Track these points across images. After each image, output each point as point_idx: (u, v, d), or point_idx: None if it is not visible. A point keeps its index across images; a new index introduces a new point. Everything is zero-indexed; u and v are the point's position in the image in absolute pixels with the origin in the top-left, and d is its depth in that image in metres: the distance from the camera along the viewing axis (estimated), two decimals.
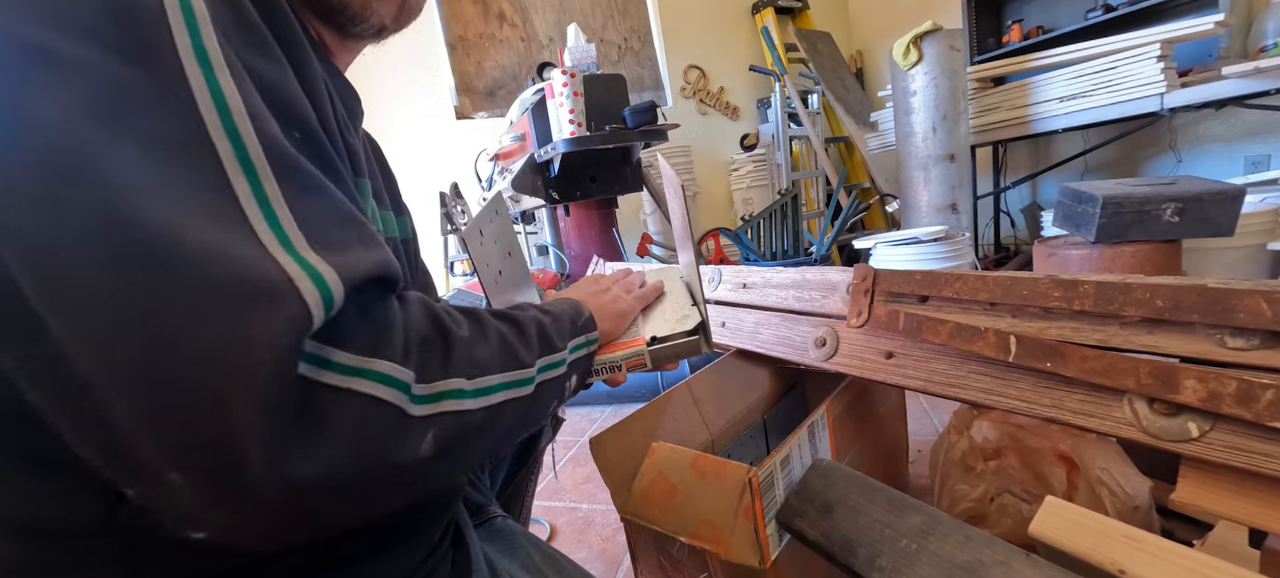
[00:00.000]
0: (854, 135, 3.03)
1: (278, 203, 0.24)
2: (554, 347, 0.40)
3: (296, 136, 0.28)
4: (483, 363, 0.32)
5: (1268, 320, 0.46)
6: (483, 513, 0.54)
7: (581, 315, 0.46)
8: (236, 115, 0.24)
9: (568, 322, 0.43)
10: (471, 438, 0.31)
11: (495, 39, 2.80)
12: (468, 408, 0.30)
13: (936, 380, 0.64)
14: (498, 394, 0.33)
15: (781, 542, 0.60)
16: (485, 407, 0.31)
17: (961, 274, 0.65)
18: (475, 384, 0.31)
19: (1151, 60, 1.88)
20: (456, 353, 0.30)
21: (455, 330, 0.31)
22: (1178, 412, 0.49)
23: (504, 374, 0.34)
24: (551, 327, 0.41)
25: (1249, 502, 0.46)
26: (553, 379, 0.39)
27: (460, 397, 0.30)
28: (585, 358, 0.45)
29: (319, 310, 0.23)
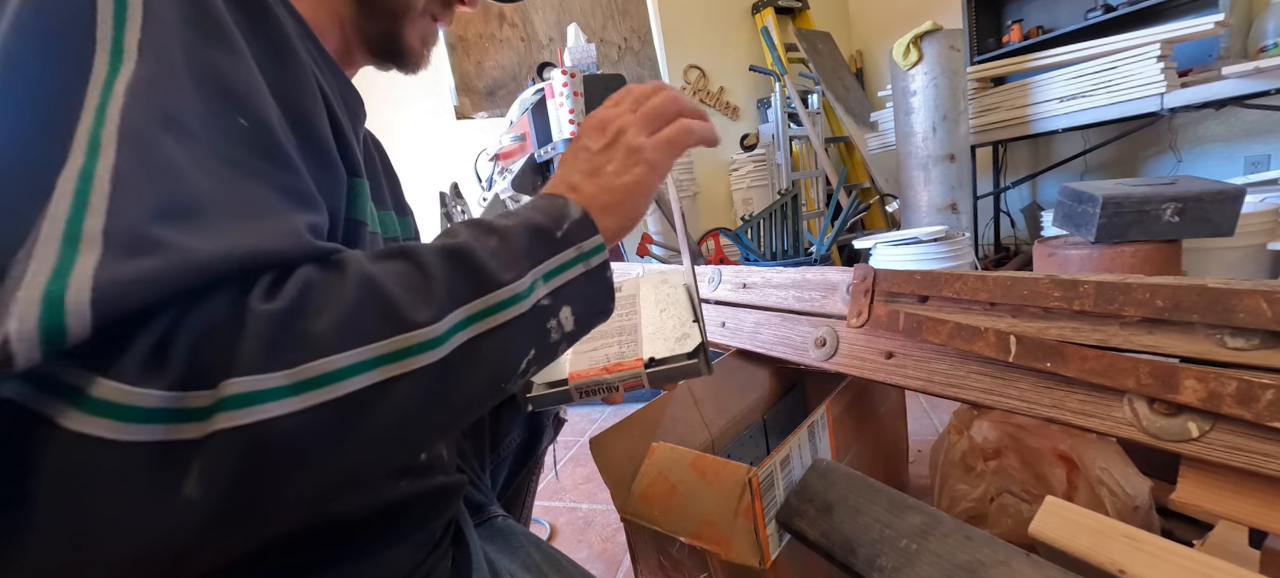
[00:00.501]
0: (854, 135, 3.03)
1: (100, 181, 0.21)
2: (495, 280, 0.28)
3: (243, 124, 0.26)
4: (316, 340, 0.23)
5: (1268, 320, 0.46)
6: (483, 513, 0.54)
7: (564, 216, 0.32)
8: (117, 85, 0.22)
9: (528, 234, 0.31)
10: (295, 454, 0.22)
11: (495, 39, 2.80)
12: (271, 414, 0.21)
13: (936, 380, 0.64)
14: (345, 381, 0.23)
15: (781, 542, 0.60)
16: (312, 406, 0.22)
17: (961, 274, 0.65)
18: (290, 376, 0.22)
19: (1151, 60, 1.88)
20: (262, 335, 0.22)
21: (266, 305, 0.22)
22: (1178, 412, 0.49)
23: (364, 347, 0.24)
24: (495, 250, 0.29)
25: (1249, 502, 0.46)
26: (501, 327, 0.28)
27: (256, 400, 0.21)
28: (583, 277, 0.32)
29: (30, 340, 0.18)
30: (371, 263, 0.26)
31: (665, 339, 0.52)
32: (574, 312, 0.32)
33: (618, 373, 0.47)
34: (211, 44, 0.26)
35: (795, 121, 3.03)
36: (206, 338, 0.21)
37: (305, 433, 0.22)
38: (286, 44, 0.31)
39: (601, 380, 0.49)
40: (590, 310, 0.33)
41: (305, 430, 0.22)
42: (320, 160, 0.32)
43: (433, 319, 0.26)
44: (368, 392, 0.24)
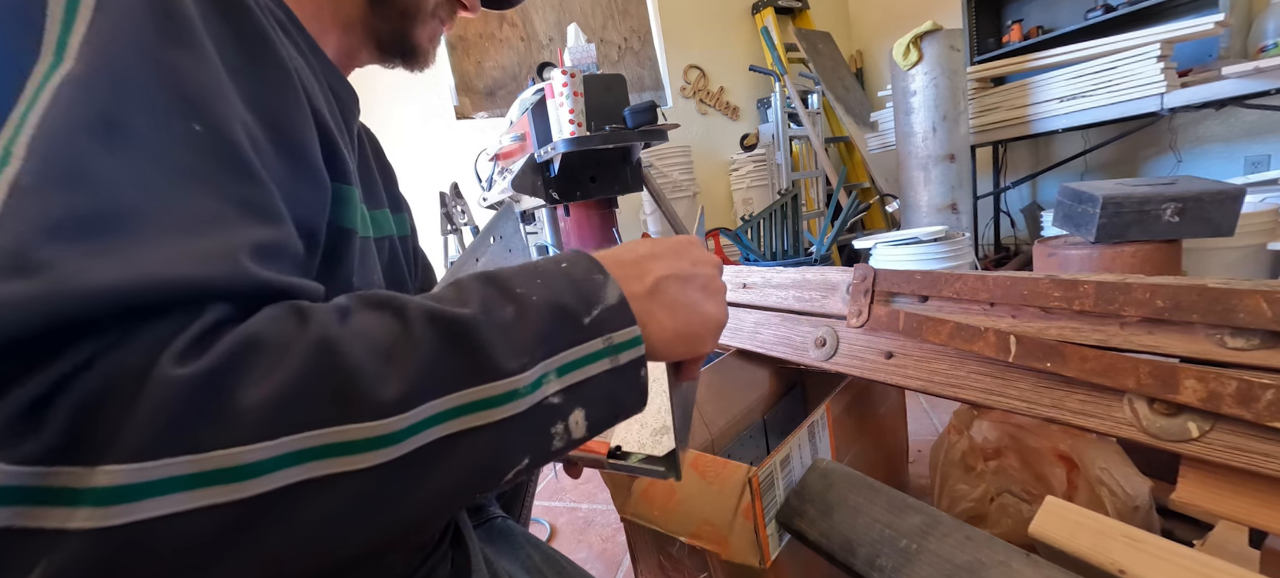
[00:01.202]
0: (854, 135, 3.03)
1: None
2: (495, 368, 0.23)
3: (196, 130, 0.23)
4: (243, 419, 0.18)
5: (1268, 320, 0.46)
6: (482, 513, 0.54)
7: (598, 298, 0.27)
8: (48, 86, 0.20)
9: (549, 315, 0.25)
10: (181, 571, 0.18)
11: (495, 39, 2.80)
12: (153, 515, 0.17)
13: (936, 380, 0.64)
14: (274, 474, 0.19)
15: (781, 542, 0.60)
16: (223, 504, 0.18)
17: (961, 274, 0.65)
18: (204, 463, 0.18)
19: (1151, 60, 1.88)
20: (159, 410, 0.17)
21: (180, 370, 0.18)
22: (1178, 412, 0.49)
23: (301, 435, 0.19)
24: (507, 326, 0.24)
25: (1249, 502, 0.46)
26: (494, 425, 0.23)
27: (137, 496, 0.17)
28: (607, 375, 0.27)
29: None
30: (344, 322, 0.22)
31: (643, 427, 0.46)
32: (588, 416, 0.26)
33: (581, 453, 0.43)
34: (170, 43, 0.24)
35: (795, 121, 3.03)
36: (97, 399, 0.17)
37: (193, 540, 0.18)
38: (264, 42, 0.29)
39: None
40: (611, 413, 0.28)
41: (194, 537, 0.18)
42: (299, 167, 0.29)
43: (399, 406, 0.21)
44: (288, 492, 0.19)
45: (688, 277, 0.31)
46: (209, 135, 0.23)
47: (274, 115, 0.28)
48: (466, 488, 0.24)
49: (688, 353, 0.32)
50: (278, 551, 0.19)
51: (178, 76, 0.23)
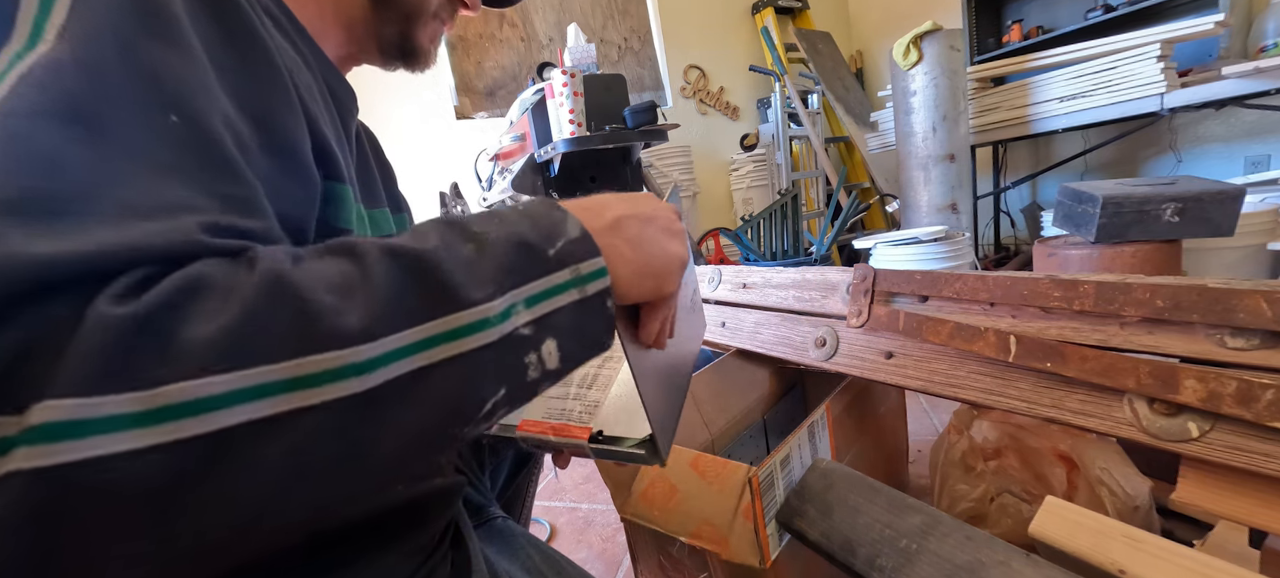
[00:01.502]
0: (854, 135, 3.03)
1: None
2: (460, 298, 0.23)
3: (172, 121, 0.22)
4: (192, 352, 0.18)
5: (1268, 320, 0.46)
6: (483, 514, 0.54)
7: (560, 232, 0.27)
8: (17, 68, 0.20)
9: (512, 248, 0.25)
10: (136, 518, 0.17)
11: (495, 39, 2.80)
12: (100, 453, 0.16)
13: (936, 380, 0.64)
14: (233, 409, 0.18)
15: (781, 542, 0.60)
16: (177, 440, 0.17)
17: (961, 274, 0.65)
18: (153, 399, 0.17)
19: (1151, 60, 1.88)
20: (98, 347, 0.17)
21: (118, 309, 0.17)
22: (1178, 412, 0.49)
23: (260, 368, 0.18)
24: (468, 260, 0.24)
25: (1249, 502, 0.46)
26: (465, 355, 0.22)
27: (81, 433, 0.16)
28: (575, 306, 0.27)
29: None
30: (296, 264, 0.21)
31: (627, 410, 0.46)
32: (561, 347, 0.26)
33: (562, 438, 0.43)
34: (151, 37, 0.23)
35: (795, 121, 3.03)
36: (25, 347, 0.16)
37: (147, 482, 0.17)
38: (253, 39, 0.29)
39: (546, 440, 0.45)
40: (582, 346, 0.27)
41: (147, 478, 0.17)
42: (287, 164, 0.29)
43: (362, 336, 0.20)
44: (250, 428, 0.18)
45: (647, 217, 0.32)
46: (186, 128, 0.22)
47: (261, 112, 0.28)
48: (441, 426, 0.23)
49: (653, 290, 0.32)
50: (246, 496, 0.18)
51: (157, 69, 0.23)
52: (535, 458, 0.71)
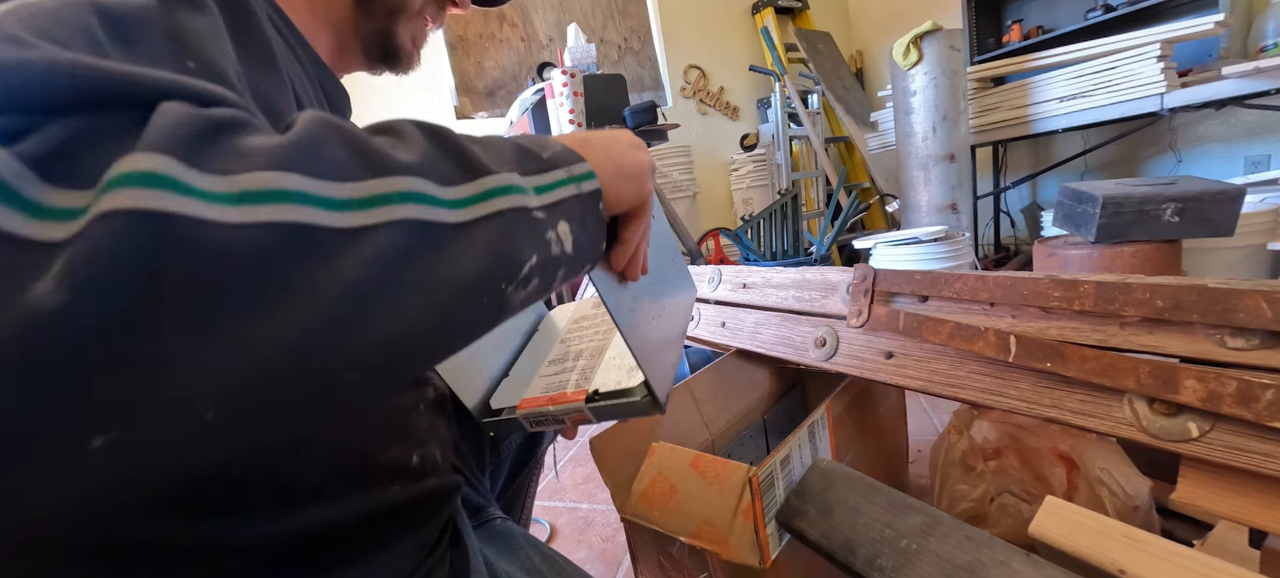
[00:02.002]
0: (854, 135, 3.03)
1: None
2: (483, 167, 0.25)
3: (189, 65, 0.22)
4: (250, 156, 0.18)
5: (1268, 320, 0.46)
6: (482, 515, 0.54)
7: (544, 145, 0.30)
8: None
9: (513, 149, 0.28)
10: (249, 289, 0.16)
11: (495, 39, 2.80)
12: (198, 215, 0.16)
13: (936, 380, 0.64)
14: (384, 210, 0.20)
15: (781, 542, 0.60)
16: (271, 222, 0.17)
17: (961, 274, 0.65)
18: (238, 183, 0.17)
19: (1151, 60, 1.88)
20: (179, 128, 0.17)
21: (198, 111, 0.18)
22: (1178, 412, 0.49)
23: (364, 183, 0.20)
24: (479, 149, 0.26)
25: (1249, 502, 0.46)
26: (503, 214, 0.24)
27: (175, 188, 0.15)
28: (577, 201, 0.30)
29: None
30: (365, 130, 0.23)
31: (620, 369, 0.46)
32: (572, 231, 0.29)
33: (561, 406, 0.44)
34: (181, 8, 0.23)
35: (795, 121, 3.03)
36: (92, 134, 0.16)
37: (253, 257, 0.16)
38: (264, 40, 0.30)
39: (547, 412, 0.45)
40: (587, 237, 0.30)
41: (253, 253, 0.16)
42: None
43: (416, 170, 0.22)
44: (331, 232, 0.18)
45: (611, 136, 0.35)
46: (200, 70, 0.22)
47: (266, 106, 0.29)
48: (498, 274, 0.24)
49: (633, 194, 0.35)
50: (326, 299, 0.18)
51: (180, 24, 0.22)
52: (535, 459, 0.71)
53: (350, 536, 0.35)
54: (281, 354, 0.17)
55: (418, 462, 0.40)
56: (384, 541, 0.37)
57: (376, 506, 0.36)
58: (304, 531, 0.32)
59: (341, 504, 0.34)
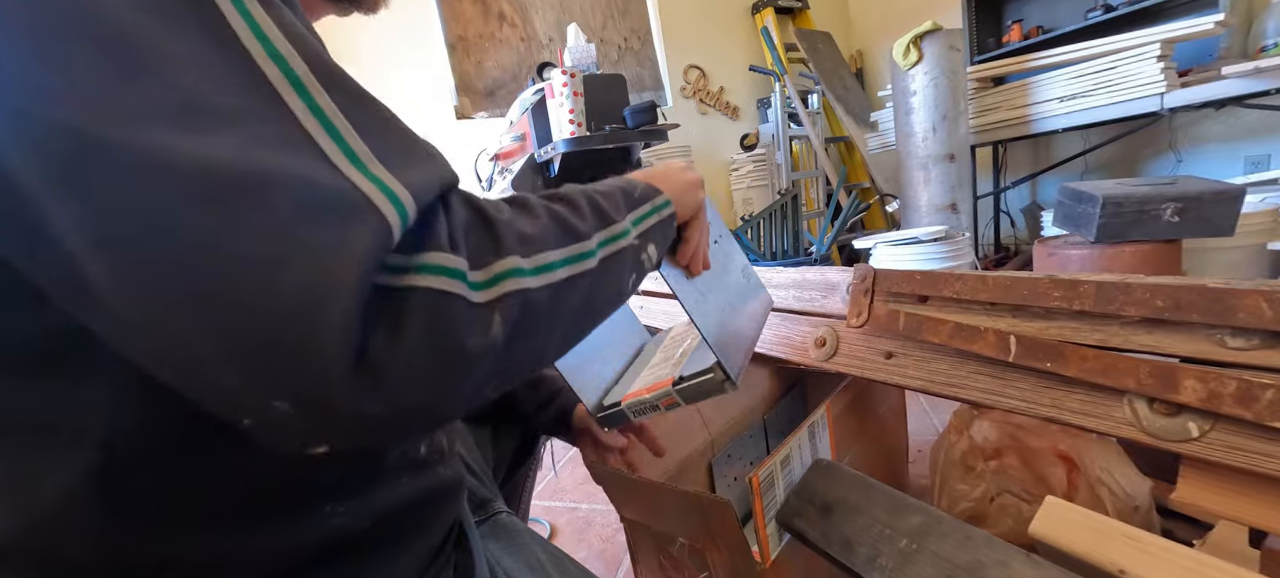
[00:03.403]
0: (854, 135, 3.03)
1: (337, 119, 0.24)
2: (610, 218, 0.37)
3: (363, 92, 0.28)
4: (535, 239, 0.30)
5: (1268, 320, 0.46)
6: (487, 508, 0.54)
7: (634, 186, 0.42)
8: (274, 39, 0.24)
9: (620, 194, 0.41)
10: (541, 318, 0.30)
11: (495, 39, 2.80)
12: (530, 286, 0.28)
13: (936, 380, 0.64)
14: (559, 271, 0.31)
15: (781, 541, 0.61)
16: (548, 284, 0.30)
17: (961, 274, 0.65)
18: (533, 262, 0.29)
19: (1151, 60, 1.88)
20: (504, 233, 0.29)
21: (496, 215, 0.30)
22: (1178, 412, 0.49)
23: (561, 249, 0.32)
24: (604, 201, 0.38)
25: (1249, 502, 0.46)
26: (620, 252, 0.37)
27: (520, 275, 0.28)
28: (659, 225, 0.42)
29: (397, 225, 0.23)
30: (541, 200, 0.34)
31: (696, 363, 0.57)
32: (657, 248, 0.42)
33: (655, 392, 0.56)
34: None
35: (795, 121, 3.03)
36: (471, 232, 0.27)
37: (542, 305, 0.29)
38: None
39: (644, 400, 0.57)
40: (664, 248, 0.44)
41: (542, 303, 0.29)
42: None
43: (588, 236, 0.34)
44: (567, 282, 0.31)
45: (668, 166, 0.48)
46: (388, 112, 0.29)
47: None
48: (617, 293, 0.38)
49: (692, 205, 0.48)
50: (566, 323, 0.33)
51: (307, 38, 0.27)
52: (534, 455, 0.72)
53: (356, 544, 0.35)
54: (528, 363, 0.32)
55: (425, 452, 0.40)
56: (390, 546, 0.37)
57: (385, 506, 0.36)
58: (320, 535, 0.32)
59: (358, 499, 0.34)
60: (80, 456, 0.26)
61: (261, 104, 0.23)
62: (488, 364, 0.27)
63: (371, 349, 0.23)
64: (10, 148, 0.20)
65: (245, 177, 0.21)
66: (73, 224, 0.20)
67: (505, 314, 0.27)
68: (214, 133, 0.21)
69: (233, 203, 0.20)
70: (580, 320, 0.35)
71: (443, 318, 0.25)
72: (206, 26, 0.22)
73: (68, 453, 0.26)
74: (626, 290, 0.38)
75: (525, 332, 0.29)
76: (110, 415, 0.26)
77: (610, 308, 0.37)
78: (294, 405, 0.21)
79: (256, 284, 0.20)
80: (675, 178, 0.47)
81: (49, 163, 0.20)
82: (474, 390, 0.27)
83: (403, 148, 0.26)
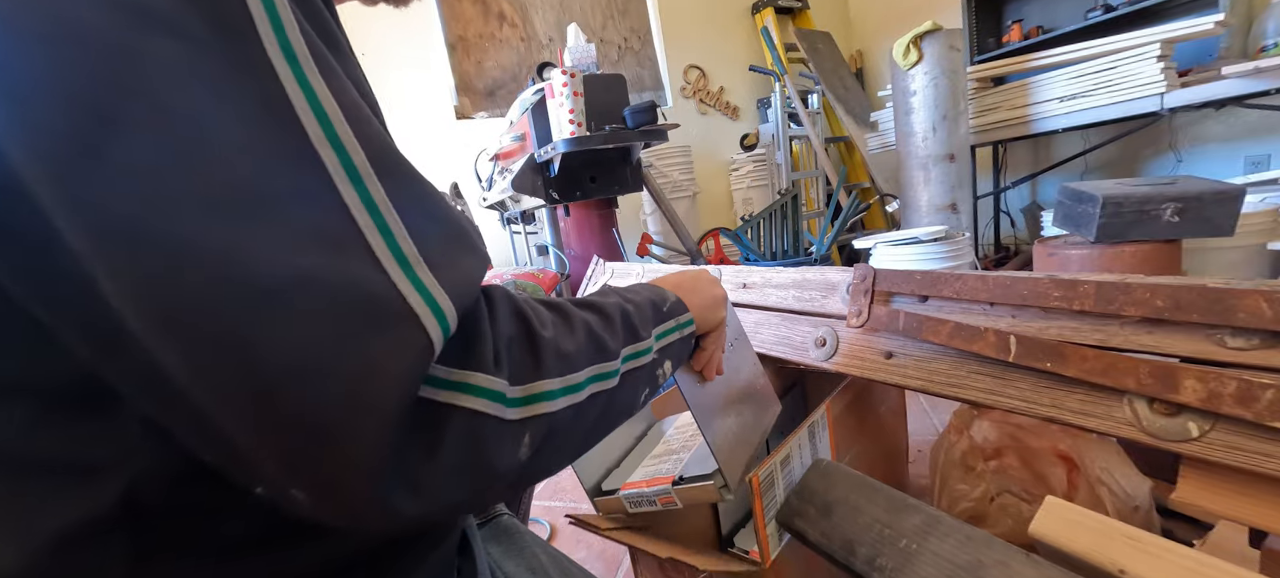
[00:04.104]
0: (854, 135, 3.03)
1: (389, 214, 0.23)
2: (638, 334, 0.38)
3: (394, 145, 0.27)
4: (571, 358, 0.31)
5: (1268, 320, 0.46)
6: (488, 511, 0.54)
7: (665, 300, 0.44)
8: (334, 120, 0.22)
9: (650, 307, 0.41)
10: (561, 436, 0.31)
11: (495, 39, 2.80)
12: (556, 408, 0.29)
13: (936, 380, 0.64)
14: (584, 390, 0.32)
15: (781, 541, 0.61)
16: (572, 404, 0.31)
17: (961, 274, 0.65)
18: (563, 382, 0.30)
19: (1151, 60, 1.88)
20: (545, 352, 0.30)
21: (541, 331, 0.30)
22: (1178, 412, 0.49)
23: (590, 368, 0.32)
24: (635, 314, 0.39)
25: (1249, 502, 0.46)
26: (640, 368, 0.38)
27: (550, 398, 0.29)
28: (679, 342, 0.43)
29: (439, 339, 0.23)
30: (580, 311, 0.35)
31: (698, 465, 0.59)
32: (672, 363, 0.43)
33: (654, 488, 0.57)
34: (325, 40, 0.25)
35: (795, 121, 3.03)
36: (515, 346, 0.29)
37: (564, 424, 0.30)
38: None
39: (642, 493, 0.59)
40: (679, 363, 0.46)
41: (565, 423, 0.30)
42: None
43: (615, 353, 0.35)
44: (589, 400, 0.32)
45: (696, 276, 0.51)
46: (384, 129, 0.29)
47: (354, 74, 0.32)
48: (629, 407, 0.38)
49: (713, 319, 0.50)
50: (583, 434, 0.34)
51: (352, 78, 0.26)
52: None
53: (381, 555, 0.34)
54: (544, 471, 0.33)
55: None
56: (415, 561, 0.36)
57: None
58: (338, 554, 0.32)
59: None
60: (95, 492, 0.25)
61: (315, 191, 0.22)
62: (512, 477, 0.28)
63: (406, 461, 0.23)
64: (64, 214, 0.18)
65: (290, 279, 0.20)
66: (117, 296, 0.19)
67: (534, 433, 0.28)
68: (262, 222, 0.20)
69: (275, 305, 0.20)
70: (594, 433, 0.36)
71: (478, 438, 0.26)
72: (266, 102, 0.21)
73: (82, 489, 0.25)
74: (638, 405, 0.39)
75: (548, 448, 0.30)
76: (133, 453, 0.25)
77: (621, 420, 0.38)
78: (312, 498, 0.22)
79: (295, 393, 0.20)
80: (703, 292, 0.49)
81: (97, 235, 0.19)
82: (496, 495, 0.30)
83: (446, 239, 0.26)
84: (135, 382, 0.21)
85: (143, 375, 0.20)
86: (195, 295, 0.19)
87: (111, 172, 0.18)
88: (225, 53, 0.20)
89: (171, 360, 0.19)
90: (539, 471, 0.31)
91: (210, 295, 0.19)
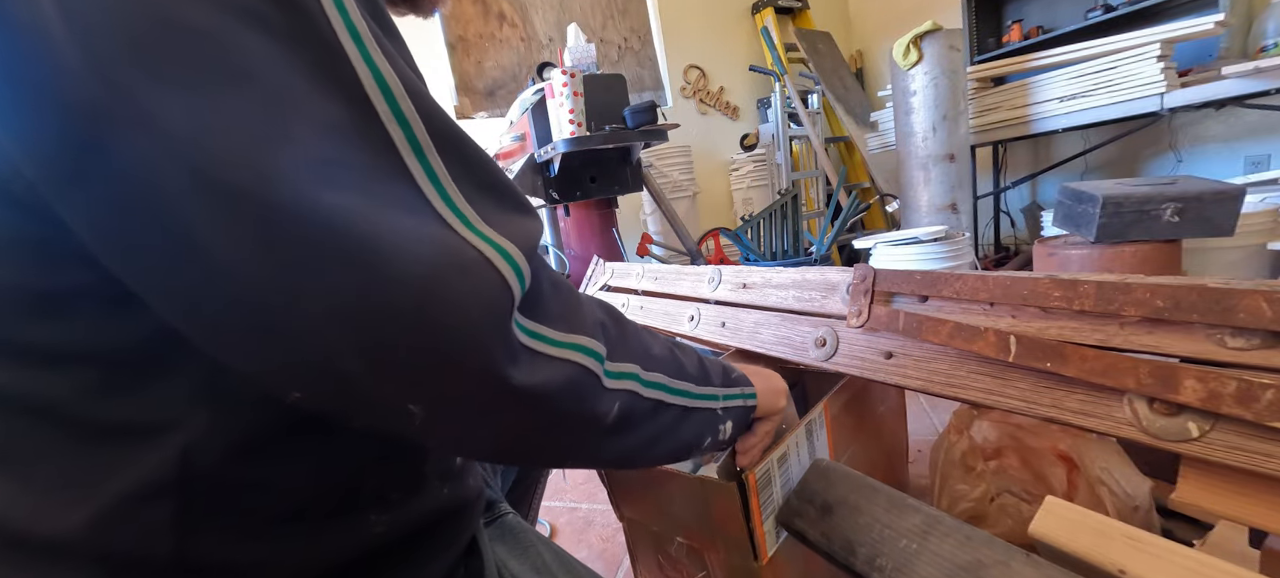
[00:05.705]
0: (854, 135, 3.03)
1: (447, 181, 0.25)
2: (709, 380, 0.42)
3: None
4: (656, 360, 0.35)
5: (1268, 320, 0.46)
6: (494, 510, 0.54)
7: (733, 370, 0.48)
8: (398, 96, 0.25)
9: (721, 369, 0.46)
10: (641, 423, 0.33)
11: (495, 39, 2.80)
12: (641, 393, 0.33)
13: (936, 380, 0.64)
14: (663, 394, 0.35)
15: (778, 540, 0.61)
16: (653, 400, 0.34)
17: (961, 274, 0.65)
18: (649, 377, 0.34)
19: (1151, 60, 1.88)
20: (631, 340, 0.33)
21: (627, 320, 0.34)
22: (1178, 412, 0.49)
23: (670, 379, 0.36)
24: (709, 366, 0.43)
25: (1249, 502, 0.46)
26: (706, 410, 0.41)
27: (636, 380, 0.33)
28: (742, 410, 0.47)
29: (516, 284, 0.26)
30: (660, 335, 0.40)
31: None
32: (734, 426, 0.46)
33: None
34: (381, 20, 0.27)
35: (795, 121, 3.03)
36: (611, 326, 0.32)
37: (643, 412, 0.34)
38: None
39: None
40: (738, 431, 0.48)
41: (646, 410, 0.34)
42: None
43: (690, 380, 0.39)
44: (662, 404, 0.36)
45: (769, 374, 0.54)
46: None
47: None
48: (688, 446, 0.40)
49: (770, 406, 0.53)
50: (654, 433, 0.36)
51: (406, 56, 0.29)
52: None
53: (395, 549, 0.34)
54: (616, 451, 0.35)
55: (461, 462, 0.40)
56: (429, 556, 0.37)
57: (422, 512, 0.36)
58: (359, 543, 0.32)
59: (399, 510, 0.34)
60: (154, 455, 0.26)
61: (388, 166, 0.24)
62: (592, 439, 0.32)
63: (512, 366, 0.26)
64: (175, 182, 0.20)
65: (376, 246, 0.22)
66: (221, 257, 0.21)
67: (622, 405, 0.32)
68: (349, 190, 0.22)
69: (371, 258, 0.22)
70: (660, 442, 0.37)
71: (578, 385, 0.30)
72: (343, 84, 0.23)
73: (143, 453, 0.26)
74: (701, 447, 0.42)
75: (628, 427, 0.33)
76: (188, 418, 0.26)
77: (685, 453, 0.40)
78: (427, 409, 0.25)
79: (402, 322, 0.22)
80: (769, 381, 0.53)
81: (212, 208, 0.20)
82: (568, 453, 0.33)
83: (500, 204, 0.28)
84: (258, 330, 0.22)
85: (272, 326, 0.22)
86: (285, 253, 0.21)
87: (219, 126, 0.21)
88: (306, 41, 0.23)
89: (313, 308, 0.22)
90: (616, 446, 0.33)
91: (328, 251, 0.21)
